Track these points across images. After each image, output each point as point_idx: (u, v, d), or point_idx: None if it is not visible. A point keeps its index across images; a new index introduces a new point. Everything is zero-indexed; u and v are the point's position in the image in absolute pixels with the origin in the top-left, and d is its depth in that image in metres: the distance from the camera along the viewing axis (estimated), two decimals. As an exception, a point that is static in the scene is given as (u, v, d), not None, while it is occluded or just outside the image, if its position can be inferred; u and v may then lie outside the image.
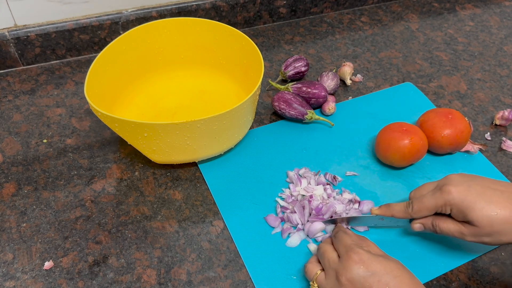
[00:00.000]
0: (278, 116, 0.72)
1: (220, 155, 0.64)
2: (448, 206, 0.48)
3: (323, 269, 0.47)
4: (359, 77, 0.79)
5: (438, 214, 0.51)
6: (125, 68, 0.68)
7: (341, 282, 0.44)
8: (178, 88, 0.73)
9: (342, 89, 0.77)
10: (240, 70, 0.71)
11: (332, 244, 0.49)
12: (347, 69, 0.77)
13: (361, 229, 0.57)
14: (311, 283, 0.47)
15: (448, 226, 0.50)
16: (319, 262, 0.49)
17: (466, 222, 0.48)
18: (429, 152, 0.66)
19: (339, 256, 0.46)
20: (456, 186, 0.48)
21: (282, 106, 0.68)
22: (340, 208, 0.57)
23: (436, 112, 0.65)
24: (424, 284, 0.52)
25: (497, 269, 0.55)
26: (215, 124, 0.55)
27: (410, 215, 0.52)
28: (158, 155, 0.58)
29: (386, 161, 0.64)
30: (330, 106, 0.70)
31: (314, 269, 0.48)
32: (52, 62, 0.78)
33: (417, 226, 0.52)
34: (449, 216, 0.50)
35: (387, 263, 0.44)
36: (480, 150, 0.68)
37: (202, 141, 0.57)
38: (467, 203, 0.47)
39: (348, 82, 0.77)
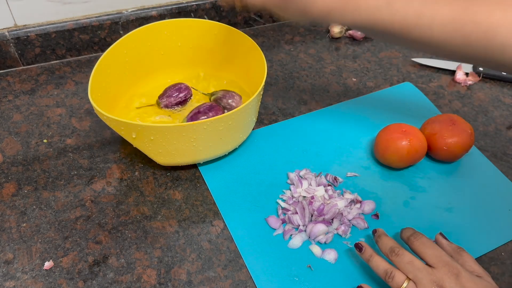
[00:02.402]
0: (278, 116, 0.72)
1: (220, 157, 0.64)
2: None
3: (408, 278, 0.46)
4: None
5: None
6: (126, 70, 0.68)
7: None
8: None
9: (342, 89, 0.77)
10: (241, 70, 0.71)
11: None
12: (335, 29, 0.87)
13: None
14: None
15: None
16: (390, 266, 0.48)
17: None
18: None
19: (428, 265, 0.47)
20: None
21: None
22: (341, 205, 0.57)
23: (440, 121, 0.64)
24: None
25: (497, 269, 0.55)
26: (221, 125, 0.55)
27: None
28: (164, 157, 0.58)
29: (384, 162, 0.64)
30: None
31: (401, 277, 0.46)
32: (52, 62, 0.78)
33: None
34: None
35: (481, 284, 0.45)
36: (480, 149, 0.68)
37: (207, 142, 0.57)
38: None
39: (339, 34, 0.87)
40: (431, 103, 0.75)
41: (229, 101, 0.66)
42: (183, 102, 0.68)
